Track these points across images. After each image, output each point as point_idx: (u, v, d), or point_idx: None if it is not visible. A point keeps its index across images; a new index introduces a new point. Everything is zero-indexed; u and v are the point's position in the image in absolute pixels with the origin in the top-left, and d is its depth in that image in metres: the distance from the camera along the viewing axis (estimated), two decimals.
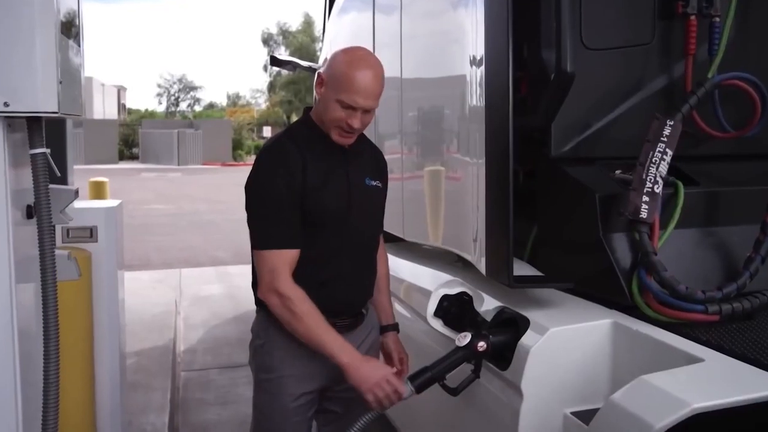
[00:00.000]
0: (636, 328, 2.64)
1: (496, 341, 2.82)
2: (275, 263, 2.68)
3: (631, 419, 2.08)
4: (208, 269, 11.22)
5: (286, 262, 2.68)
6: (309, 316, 2.66)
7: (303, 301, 2.67)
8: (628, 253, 2.91)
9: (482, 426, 3.00)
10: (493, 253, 2.96)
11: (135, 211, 17.87)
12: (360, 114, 2.67)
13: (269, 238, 2.70)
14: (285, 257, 2.68)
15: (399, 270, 3.93)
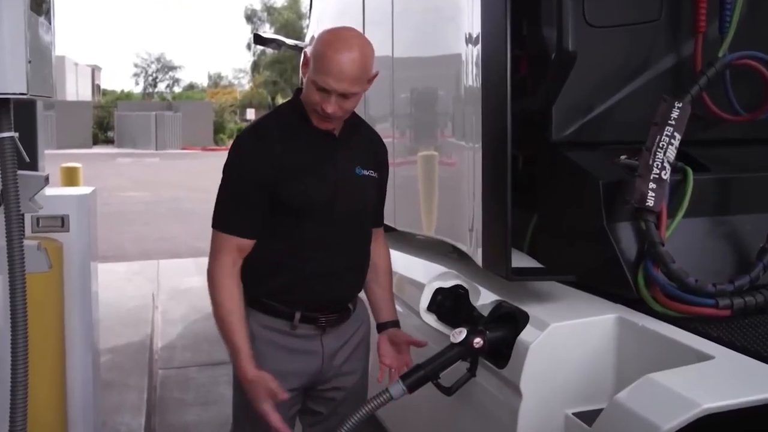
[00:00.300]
0: (642, 324, 2.64)
1: (494, 337, 2.82)
2: (220, 246, 2.75)
3: (636, 420, 2.07)
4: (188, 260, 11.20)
5: (231, 249, 2.74)
6: (225, 308, 2.72)
7: (229, 293, 2.73)
8: (633, 244, 2.90)
9: (478, 428, 3.00)
10: (490, 244, 2.95)
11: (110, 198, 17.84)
12: (334, 98, 2.65)
13: (222, 220, 2.77)
14: (231, 243, 2.74)
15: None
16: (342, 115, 2.71)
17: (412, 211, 4.00)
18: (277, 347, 2.83)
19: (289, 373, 2.85)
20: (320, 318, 2.84)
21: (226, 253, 2.74)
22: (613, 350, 2.71)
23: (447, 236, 3.57)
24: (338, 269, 2.85)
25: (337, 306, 2.92)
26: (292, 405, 2.93)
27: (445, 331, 3.28)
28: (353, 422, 2.67)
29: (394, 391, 2.73)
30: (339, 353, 2.95)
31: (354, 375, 3.01)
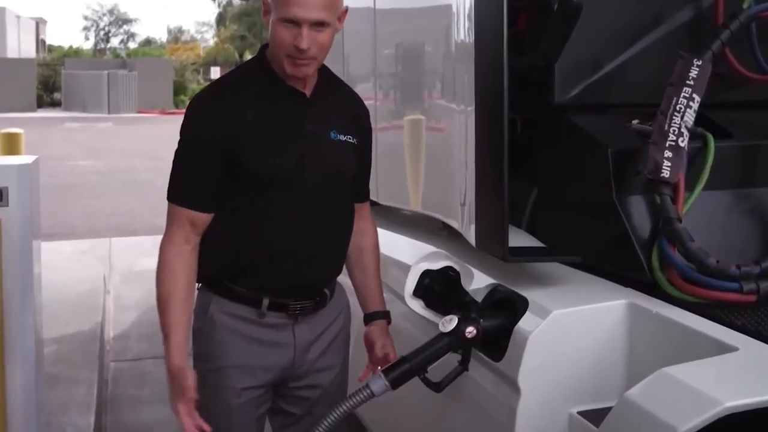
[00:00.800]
0: (656, 311, 2.64)
1: (488, 326, 2.82)
2: (172, 219, 2.77)
3: (650, 420, 2.06)
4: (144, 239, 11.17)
5: (183, 223, 2.75)
6: (164, 288, 2.74)
7: (171, 272, 2.74)
8: (647, 220, 2.91)
9: (471, 428, 3.00)
10: (485, 220, 2.95)
11: (57, 168, 17.80)
12: (306, 31, 2.63)
13: (174, 191, 2.79)
14: (183, 217, 2.75)
15: None
16: (317, 53, 2.69)
17: (396, 183, 4.00)
18: (243, 338, 2.82)
19: (257, 368, 2.84)
20: (292, 305, 2.82)
21: (178, 227, 2.75)
22: (624, 341, 2.70)
23: (436, 211, 3.57)
24: (312, 248, 2.83)
25: (312, 291, 2.90)
26: (261, 404, 2.93)
27: (434, 319, 3.28)
28: (329, 422, 2.67)
29: (375, 387, 2.72)
30: (314, 346, 2.93)
31: (331, 371, 2.99)
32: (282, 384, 2.94)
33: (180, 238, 2.74)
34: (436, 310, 3.37)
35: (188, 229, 2.74)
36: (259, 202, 2.75)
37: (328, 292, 2.96)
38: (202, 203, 2.75)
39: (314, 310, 2.91)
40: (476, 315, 2.84)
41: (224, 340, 2.82)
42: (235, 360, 2.81)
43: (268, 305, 2.81)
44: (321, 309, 2.93)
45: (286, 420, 3.04)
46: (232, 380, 2.84)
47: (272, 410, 3.00)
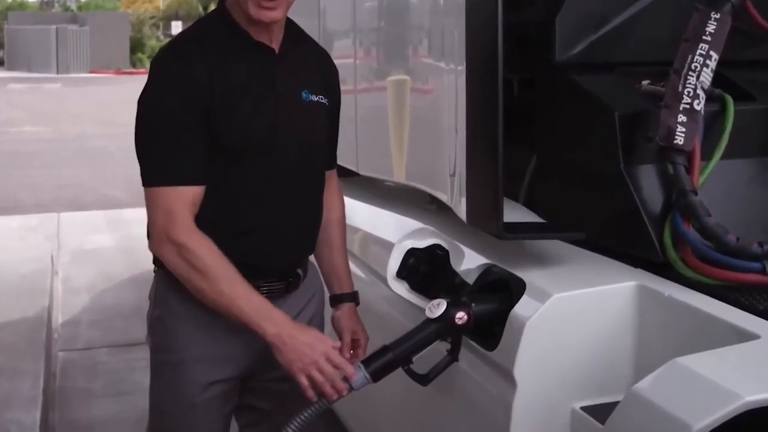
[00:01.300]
0: (669, 294, 2.63)
1: (481, 311, 2.81)
2: (171, 204, 2.67)
3: (660, 417, 2.05)
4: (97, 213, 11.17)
5: (186, 203, 2.68)
6: (218, 272, 2.66)
7: (210, 253, 2.66)
8: (658, 193, 2.91)
9: (462, 426, 3.01)
10: (477, 193, 2.94)
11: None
12: None
13: (163, 172, 2.69)
14: (185, 196, 2.68)
15: (351, 215, 3.89)
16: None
17: (378, 152, 4.00)
18: (207, 325, 2.81)
19: (223, 359, 2.84)
20: (262, 287, 2.81)
21: (185, 210, 2.67)
22: (632, 328, 2.70)
23: (422, 183, 3.57)
24: (284, 224, 2.83)
25: (284, 272, 2.91)
26: (228, 400, 2.92)
27: (420, 304, 3.29)
28: (303, 419, 2.67)
29: (355, 380, 2.72)
30: None
31: None
32: (251, 377, 2.95)
33: (189, 221, 2.67)
34: (423, 293, 3.37)
35: (190, 210, 2.68)
36: (228, 173, 2.75)
37: (301, 272, 2.97)
38: (200, 174, 2.70)
39: (286, 292, 2.91)
40: (467, 299, 2.84)
41: (187, 329, 2.81)
42: (200, 351, 2.80)
43: None
44: (294, 291, 2.94)
45: (254, 416, 3.05)
46: (196, 374, 2.83)
47: (239, 407, 3.01)
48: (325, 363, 2.66)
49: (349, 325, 3.05)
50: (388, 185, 4.22)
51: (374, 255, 3.76)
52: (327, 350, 2.69)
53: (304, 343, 2.67)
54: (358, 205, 4.20)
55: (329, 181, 3.08)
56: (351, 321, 3.07)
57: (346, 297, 3.09)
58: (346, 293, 3.10)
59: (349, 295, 3.10)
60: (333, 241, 3.11)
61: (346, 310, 3.08)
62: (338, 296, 3.09)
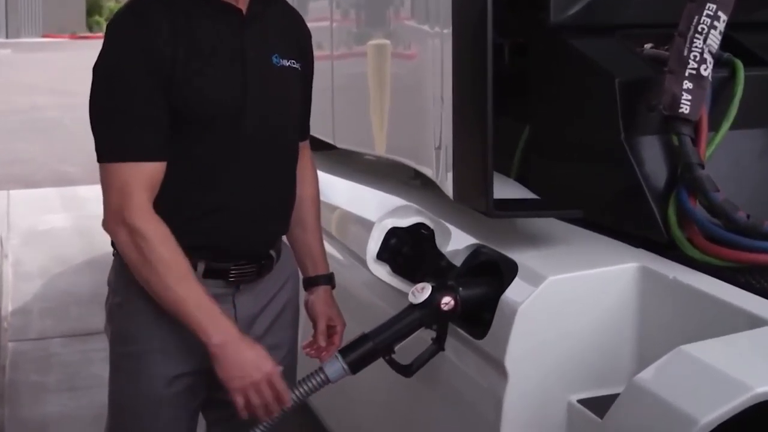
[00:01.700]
0: (674, 276, 2.63)
1: (469, 296, 2.82)
2: (126, 182, 2.65)
3: (664, 409, 2.05)
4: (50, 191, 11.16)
5: (143, 181, 2.65)
6: (169, 264, 2.65)
7: (164, 242, 2.65)
8: (662, 166, 2.92)
9: (448, 420, 3.01)
10: (465, 167, 2.93)
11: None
12: None
13: (119, 146, 2.67)
14: (142, 174, 2.65)
15: (327, 191, 3.91)
16: None
17: (357, 123, 4.01)
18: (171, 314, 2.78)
19: (190, 350, 2.81)
20: (232, 271, 2.83)
21: (142, 189, 2.65)
22: (634, 313, 2.71)
23: (405, 156, 3.58)
24: (255, 201, 2.83)
25: (255, 254, 2.91)
26: (196, 394, 2.92)
27: (402, 288, 3.29)
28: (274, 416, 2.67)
29: (331, 371, 2.72)
30: (258, 320, 2.94)
31: (278, 351, 2.97)
32: None
33: (144, 203, 2.65)
34: (405, 276, 3.37)
35: (152, 189, 2.67)
36: (192, 146, 2.73)
37: (275, 254, 2.96)
38: (162, 150, 2.68)
39: (258, 276, 2.91)
40: (454, 282, 2.84)
41: (150, 318, 2.78)
42: (164, 341, 2.79)
43: (203, 271, 2.79)
44: (266, 275, 2.93)
45: (224, 412, 3.00)
46: (160, 366, 2.82)
47: (207, 402, 2.99)
48: (265, 386, 2.65)
49: (324, 310, 3.06)
50: (368, 159, 4.22)
51: (352, 235, 3.76)
52: (271, 372, 2.67)
53: (248, 360, 2.66)
54: (334, 181, 4.20)
55: (301, 154, 3.07)
56: (326, 306, 3.07)
57: (321, 279, 3.10)
58: (321, 275, 3.10)
59: (324, 278, 3.10)
60: (306, 219, 3.10)
61: (321, 294, 3.08)
62: (312, 279, 3.10)
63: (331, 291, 3.11)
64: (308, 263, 3.11)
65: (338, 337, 3.05)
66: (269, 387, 2.66)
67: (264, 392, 2.65)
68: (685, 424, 1.96)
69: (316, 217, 3.15)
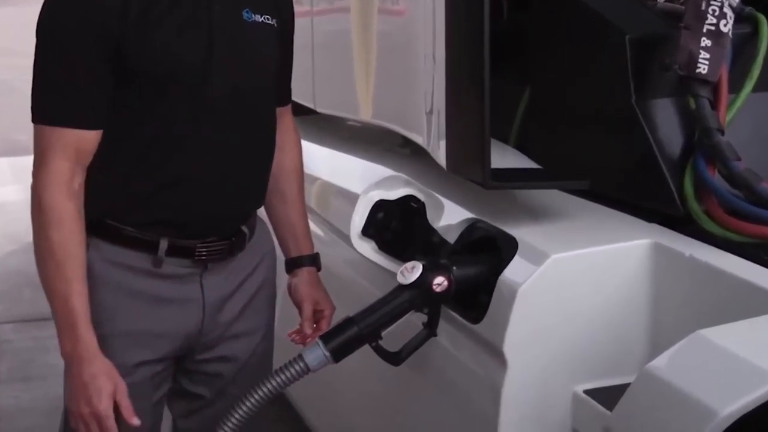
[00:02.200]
0: (690, 253, 2.62)
1: (463, 276, 2.82)
2: (46, 147, 2.68)
3: (680, 400, 2.04)
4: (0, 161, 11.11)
5: (67, 150, 2.67)
6: (56, 249, 2.65)
7: (59, 222, 2.65)
8: (677, 132, 2.93)
9: (441, 414, 3.02)
10: (459, 133, 2.94)
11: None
12: None
13: (47, 107, 2.70)
14: (64, 141, 2.67)
15: (307, 161, 3.90)
16: None
17: (340, 86, 4.02)
18: (133, 295, 2.81)
19: (153, 336, 2.84)
20: (199, 248, 2.83)
21: (60, 157, 2.66)
22: (646, 294, 2.70)
23: (393, 122, 3.59)
24: (225, 172, 2.83)
25: (225, 229, 2.91)
26: (159, 384, 2.93)
27: (390, 267, 3.30)
28: (248, 407, 2.66)
29: (311, 359, 2.72)
30: (228, 304, 2.95)
31: (251, 338, 3.02)
32: (186, 357, 2.95)
33: (64, 172, 2.66)
34: (394, 254, 3.38)
35: (73, 159, 2.67)
36: (151, 111, 2.73)
37: (247, 230, 2.96)
38: (91, 118, 2.69)
39: (229, 254, 2.91)
40: (447, 261, 2.84)
41: (108, 300, 2.79)
42: (124, 325, 2.79)
43: (167, 249, 2.80)
44: (238, 253, 2.93)
45: (191, 405, 3.05)
46: (120, 353, 2.80)
47: (173, 393, 3.01)
48: (92, 423, 2.64)
49: (309, 293, 3.07)
50: (352, 125, 4.21)
51: (334, 209, 3.77)
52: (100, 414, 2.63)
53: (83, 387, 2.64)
54: (315, 149, 4.20)
55: (282, 121, 3.08)
56: (312, 288, 3.08)
57: (305, 260, 3.10)
58: (305, 256, 3.11)
59: (308, 258, 3.11)
60: (287, 192, 3.12)
61: (306, 277, 3.09)
62: (295, 260, 3.11)
63: (316, 273, 3.12)
64: (290, 242, 3.12)
65: (325, 322, 3.06)
66: (97, 425, 2.64)
67: (90, 429, 2.65)
68: (703, 416, 1.95)
69: (299, 191, 3.16)
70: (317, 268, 3.13)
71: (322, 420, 4.11)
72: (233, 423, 2.67)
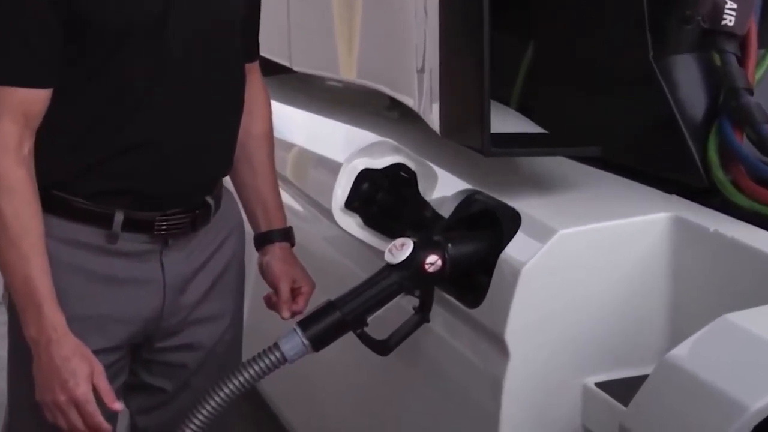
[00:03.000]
0: (715, 228, 2.62)
1: (460, 254, 2.82)
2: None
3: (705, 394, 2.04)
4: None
5: (14, 112, 2.67)
6: (6, 221, 2.66)
7: (10, 190, 2.66)
8: (700, 92, 2.94)
9: (434, 409, 3.03)
10: (455, 94, 2.94)
11: None
12: None
13: None
14: (11, 101, 2.67)
15: (281, 127, 3.92)
16: None
17: (319, 41, 4.04)
18: (85, 276, 2.81)
19: (107, 321, 2.84)
20: (159, 222, 2.83)
21: (7, 120, 2.66)
22: (665, 274, 2.71)
23: (379, 82, 3.60)
24: (186, 137, 2.83)
25: (188, 200, 2.91)
26: (115, 375, 2.91)
27: (377, 245, 3.31)
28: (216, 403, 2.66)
29: (288, 348, 2.72)
30: (192, 284, 2.95)
31: (217, 323, 3.03)
32: (144, 345, 2.95)
33: (14, 141, 2.66)
34: (381, 230, 3.39)
35: (22, 122, 2.67)
36: (108, 68, 2.73)
37: (213, 201, 2.96)
38: (41, 76, 2.68)
39: (192, 229, 2.91)
40: (441, 238, 2.84)
41: (58, 281, 2.75)
42: (75, 309, 2.76)
43: (122, 223, 2.79)
44: (202, 228, 2.93)
45: (151, 399, 3.06)
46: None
47: (130, 387, 3.00)
48: (71, 411, 2.63)
49: (285, 270, 3.05)
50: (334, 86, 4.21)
51: (314, 180, 3.77)
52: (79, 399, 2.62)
53: (57, 372, 2.63)
54: (291, 113, 4.23)
55: (250, 79, 3.07)
56: (287, 265, 3.07)
57: (277, 235, 3.09)
58: (277, 230, 3.10)
59: (280, 233, 3.10)
60: (256, 159, 3.11)
61: (279, 253, 3.08)
62: (266, 235, 3.10)
63: (290, 248, 3.12)
64: (260, 216, 3.11)
65: (303, 299, 3.05)
66: (77, 412, 2.64)
67: (69, 417, 2.64)
68: (731, 411, 1.94)
69: (268, 157, 3.15)
70: (290, 243, 3.13)
71: (299, 418, 4.12)
72: (199, 420, 2.67)
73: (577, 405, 2.66)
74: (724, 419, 1.92)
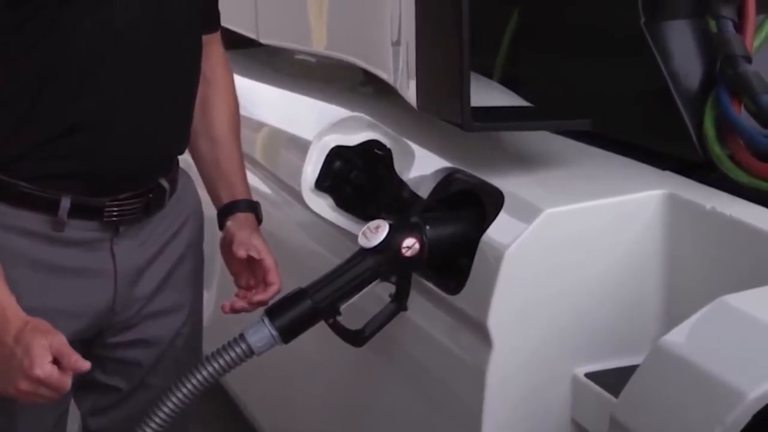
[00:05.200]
0: (711, 206, 2.63)
1: (439, 237, 2.83)
2: None
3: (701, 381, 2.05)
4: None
5: None
6: None
7: None
8: (695, 61, 2.95)
9: (413, 403, 3.04)
10: (432, 66, 2.94)
11: None
12: None
13: None
14: None
15: (247, 103, 3.92)
16: None
17: (288, 11, 4.04)
18: (30, 266, 2.80)
19: (55, 314, 2.77)
20: (109, 207, 2.81)
21: None
22: (659, 255, 2.72)
23: (352, 54, 3.60)
24: (137, 115, 2.81)
25: (141, 182, 2.89)
26: None
27: (350, 228, 3.32)
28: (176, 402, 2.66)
29: (255, 339, 2.72)
30: (146, 275, 2.94)
31: (175, 316, 3.03)
32: (95, 340, 2.95)
33: None
34: (354, 212, 3.40)
35: None
36: (49, 39, 2.70)
37: (168, 184, 2.95)
38: None
39: (145, 214, 2.90)
40: (419, 219, 2.85)
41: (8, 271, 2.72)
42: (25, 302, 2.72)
43: (69, 209, 2.77)
44: (156, 213, 2.93)
45: (104, 399, 3.06)
46: None
47: (81, 385, 2.96)
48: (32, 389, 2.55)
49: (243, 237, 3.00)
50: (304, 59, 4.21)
51: (283, 159, 3.76)
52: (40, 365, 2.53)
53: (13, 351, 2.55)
54: (259, 89, 4.24)
55: (210, 50, 3.07)
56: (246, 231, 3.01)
57: (241, 205, 3.06)
58: (240, 200, 3.07)
59: (244, 203, 3.07)
60: (217, 131, 3.10)
61: (242, 221, 3.04)
62: (229, 206, 3.06)
63: (254, 219, 3.07)
64: (222, 190, 3.09)
65: (273, 274, 2.98)
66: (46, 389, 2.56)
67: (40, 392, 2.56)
68: (728, 399, 1.95)
69: (231, 130, 3.14)
70: (257, 217, 3.09)
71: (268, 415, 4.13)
72: (158, 421, 2.66)
73: (565, 397, 2.67)
74: (721, 408, 1.94)
